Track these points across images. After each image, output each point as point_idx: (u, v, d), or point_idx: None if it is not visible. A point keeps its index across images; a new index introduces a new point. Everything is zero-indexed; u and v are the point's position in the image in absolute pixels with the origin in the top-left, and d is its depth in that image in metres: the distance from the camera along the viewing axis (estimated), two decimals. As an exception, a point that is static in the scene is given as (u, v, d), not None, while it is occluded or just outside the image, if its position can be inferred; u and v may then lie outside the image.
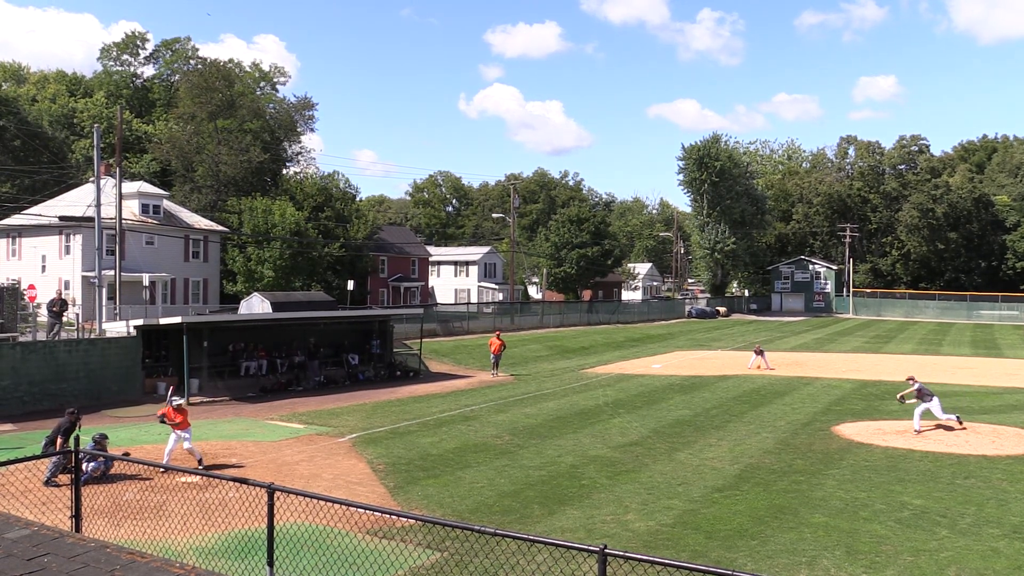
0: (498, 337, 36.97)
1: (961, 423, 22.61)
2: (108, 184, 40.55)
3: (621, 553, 5.95)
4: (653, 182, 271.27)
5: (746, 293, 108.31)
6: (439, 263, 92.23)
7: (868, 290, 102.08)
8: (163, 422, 17.59)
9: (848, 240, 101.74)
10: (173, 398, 17.89)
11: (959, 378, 35.64)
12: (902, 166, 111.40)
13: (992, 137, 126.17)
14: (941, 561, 12.32)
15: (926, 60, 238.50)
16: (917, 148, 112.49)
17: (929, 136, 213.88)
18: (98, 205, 34.01)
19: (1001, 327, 79.89)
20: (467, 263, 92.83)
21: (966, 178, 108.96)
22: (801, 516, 14.51)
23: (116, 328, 30.95)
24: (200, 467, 16.78)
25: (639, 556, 6.12)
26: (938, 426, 22.76)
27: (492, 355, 36.33)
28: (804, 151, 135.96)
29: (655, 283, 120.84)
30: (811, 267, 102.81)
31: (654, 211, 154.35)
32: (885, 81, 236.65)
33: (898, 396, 23.50)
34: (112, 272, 37.90)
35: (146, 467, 16.38)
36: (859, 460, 19.07)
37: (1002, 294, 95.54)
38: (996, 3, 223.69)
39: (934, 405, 22.11)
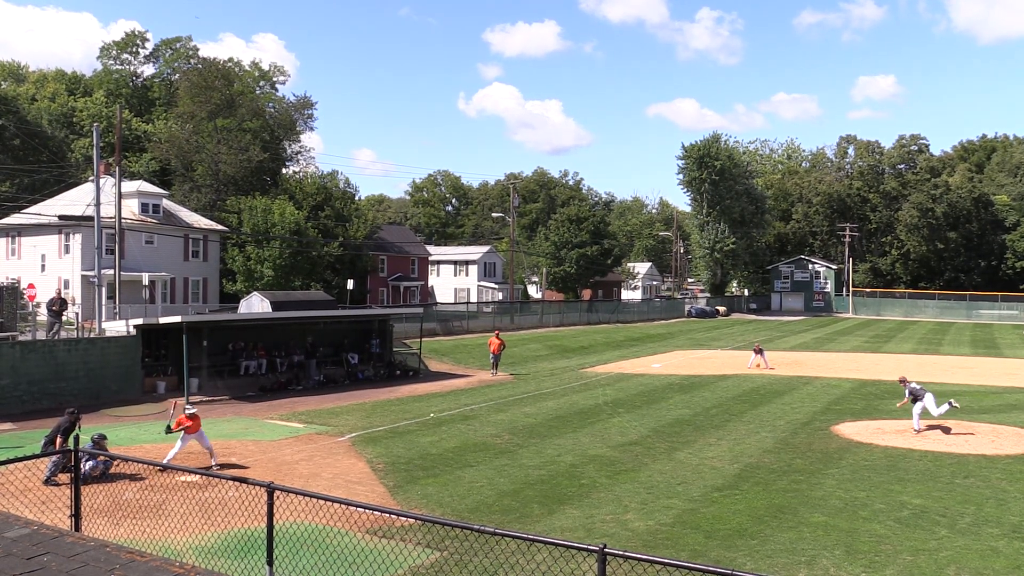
0: (497, 336, 36.97)
1: (956, 404, 22.31)
2: (107, 183, 40.55)
3: (620, 552, 5.95)
4: (652, 181, 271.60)
5: (746, 292, 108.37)
6: (439, 262, 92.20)
7: (868, 289, 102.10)
8: (169, 431, 17.54)
9: (848, 240, 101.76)
10: (186, 407, 17.83)
11: (958, 378, 35.64)
12: (901, 166, 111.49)
13: (992, 136, 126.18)
14: (940, 560, 12.33)
15: (925, 60, 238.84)
16: (916, 148, 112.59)
17: (928, 136, 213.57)
18: (97, 204, 34.00)
19: (1001, 326, 79.94)
20: (467, 262, 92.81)
21: (965, 178, 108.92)
22: (800, 515, 14.52)
23: (116, 327, 30.95)
24: (215, 467, 16.82)
25: (639, 556, 6.12)
26: (930, 427, 22.67)
27: (491, 354, 36.33)
28: (803, 151, 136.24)
29: (655, 282, 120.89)
30: (811, 267, 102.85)
31: (654, 210, 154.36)
32: (884, 81, 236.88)
33: (898, 405, 23.45)
34: (112, 271, 37.90)
35: (146, 466, 16.38)
36: (858, 459, 19.07)
37: (1001, 293, 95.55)
38: (995, 3, 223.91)
39: (928, 402, 22.03)
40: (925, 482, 16.99)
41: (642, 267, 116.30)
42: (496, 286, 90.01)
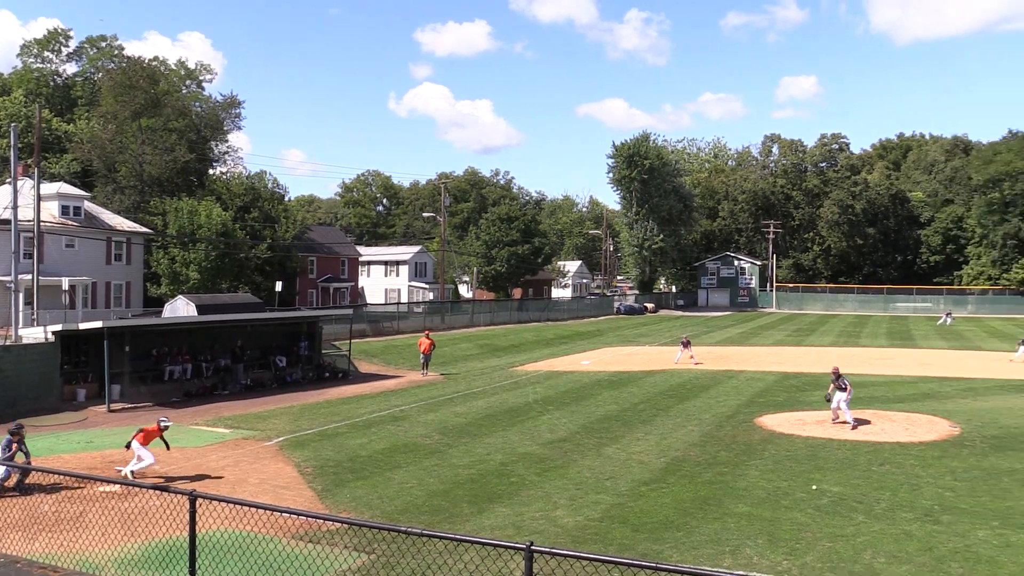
0: (428, 336, 36.91)
1: (854, 427, 22.16)
2: (26, 185, 39.20)
3: (547, 549, 6.06)
4: (582, 180, 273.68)
5: (673, 289, 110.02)
6: (369, 263, 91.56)
7: (790, 285, 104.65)
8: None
9: (772, 236, 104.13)
10: (161, 420, 17.29)
11: (876, 368, 36.80)
12: (823, 164, 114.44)
13: (908, 135, 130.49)
14: (858, 546, 12.77)
15: (845, 60, 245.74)
16: (837, 146, 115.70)
17: (849, 134, 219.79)
18: (15, 207, 32.86)
19: (915, 319, 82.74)
20: (397, 263, 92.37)
21: (883, 175, 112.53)
22: (725, 506, 14.86)
23: (33, 334, 29.96)
24: (123, 472, 16.44)
25: (565, 552, 6.25)
26: (857, 420, 23.36)
27: (422, 354, 36.23)
28: (730, 149, 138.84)
29: (585, 280, 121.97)
30: (736, 263, 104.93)
31: (584, 209, 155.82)
32: (807, 81, 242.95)
33: (825, 397, 23.89)
34: (29, 276, 36.69)
35: (64, 477, 15.92)
36: (780, 450, 19.59)
37: (917, 287, 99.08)
38: (910, 6, 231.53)
39: (845, 396, 22.56)
40: (843, 470, 17.55)
41: (572, 265, 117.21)
42: (427, 286, 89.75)
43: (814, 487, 16.07)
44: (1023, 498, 15.39)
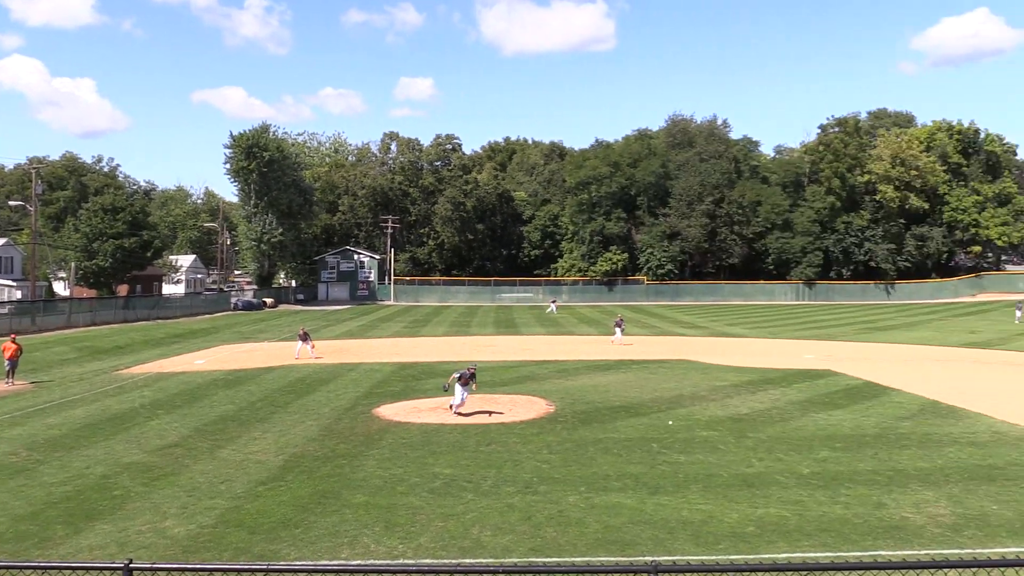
0: (13, 341, 32.70)
1: (460, 414, 23.25)
2: None
3: (148, 566, 5.69)
4: (198, 170, 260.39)
5: (293, 284, 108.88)
6: (-63, 258, 79.35)
7: (408, 278, 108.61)
8: None
9: (390, 231, 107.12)
10: None
11: (484, 355, 39.41)
12: (438, 163, 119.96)
13: (513, 139, 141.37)
14: (467, 522, 13.63)
15: (459, 66, 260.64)
16: (451, 147, 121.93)
17: (462, 136, 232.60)
18: None
19: (519, 308, 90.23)
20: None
21: (492, 176, 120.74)
22: (343, 498, 15.04)
23: None
24: None
25: (167, 565, 5.92)
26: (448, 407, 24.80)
27: (7, 361, 32.03)
28: (350, 145, 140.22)
29: (200, 275, 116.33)
30: (356, 257, 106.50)
31: (199, 201, 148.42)
32: (423, 83, 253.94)
33: (443, 387, 25.10)
34: None
35: None
36: (397, 438, 20.26)
37: (520, 279, 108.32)
38: (515, 20, 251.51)
39: (460, 388, 23.87)
40: (455, 452, 18.61)
41: (186, 260, 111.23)
42: (14, 283, 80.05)
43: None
44: (605, 464, 17.48)
